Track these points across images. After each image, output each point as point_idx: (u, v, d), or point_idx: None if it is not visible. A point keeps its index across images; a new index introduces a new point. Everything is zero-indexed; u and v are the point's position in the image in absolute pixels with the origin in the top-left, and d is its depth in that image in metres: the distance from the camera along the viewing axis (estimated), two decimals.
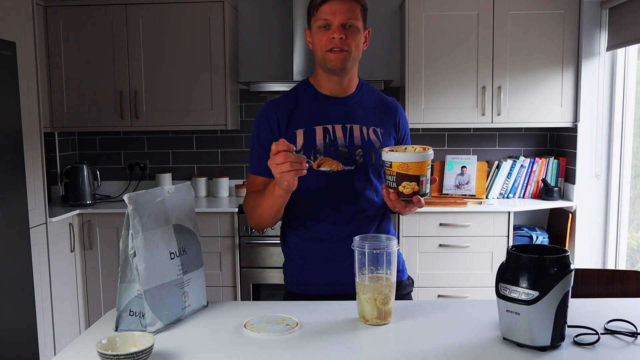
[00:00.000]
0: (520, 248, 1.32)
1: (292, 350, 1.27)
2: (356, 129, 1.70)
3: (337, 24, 1.61)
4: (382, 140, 1.72)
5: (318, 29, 1.64)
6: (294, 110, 1.70)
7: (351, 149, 1.68)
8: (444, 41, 3.54)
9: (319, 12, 1.62)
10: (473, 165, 3.80)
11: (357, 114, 1.72)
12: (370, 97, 1.79)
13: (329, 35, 1.62)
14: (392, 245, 1.43)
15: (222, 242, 3.49)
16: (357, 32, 1.64)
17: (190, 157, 4.07)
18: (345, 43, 1.62)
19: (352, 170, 1.67)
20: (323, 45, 1.63)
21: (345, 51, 1.63)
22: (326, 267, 1.71)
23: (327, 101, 1.72)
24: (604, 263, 3.56)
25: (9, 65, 2.71)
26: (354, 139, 1.69)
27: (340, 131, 1.69)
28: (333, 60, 1.63)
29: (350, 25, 1.62)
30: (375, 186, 1.73)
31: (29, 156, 2.91)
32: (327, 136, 1.67)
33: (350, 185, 1.69)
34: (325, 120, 1.69)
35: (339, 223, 1.70)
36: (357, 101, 1.75)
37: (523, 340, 1.24)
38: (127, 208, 1.36)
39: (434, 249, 3.45)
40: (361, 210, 1.71)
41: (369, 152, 1.70)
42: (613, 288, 1.77)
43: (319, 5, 1.62)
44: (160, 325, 1.38)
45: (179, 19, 3.62)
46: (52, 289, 3.17)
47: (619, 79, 3.46)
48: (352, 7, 1.62)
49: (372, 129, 1.72)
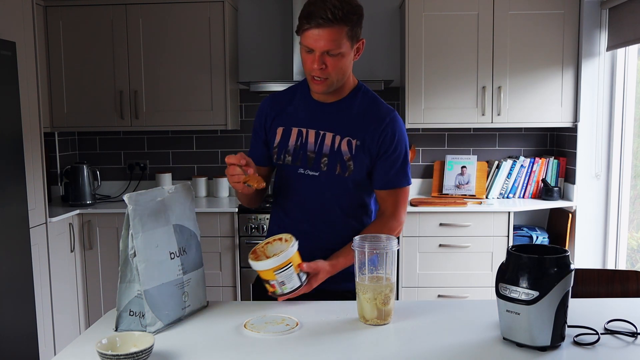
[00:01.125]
0: (520, 248, 1.32)
1: (292, 350, 1.27)
2: (328, 137, 1.69)
3: (318, 53, 1.57)
4: (354, 152, 1.67)
5: (303, 49, 1.62)
6: (285, 108, 1.76)
7: (319, 155, 1.70)
8: (444, 41, 3.54)
9: (304, 36, 1.58)
10: (473, 165, 3.80)
11: (337, 122, 1.70)
12: (363, 104, 1.72)
13: (311, 61, 1.59)
14: (392, 245, 1.43)
15: (222, 242, 3.49)
16: (340, 57, 1.59)
17: (190, 157, 4.07)
18: (326, 72, 1.60)
19: (316, 176, 1.70)
20: (308, 69, 1.63)
21: (326, 79, 1.62)
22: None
23: (314, 106, 1.73)
24: (604, 263, 3.56)
25: (9, 65, 2.71)
26: (324, 146, 1.69)
27: (312, 136, 1.70)
28: (315, 87, 1.66)
29: (334, 53, 1.57)
30: (342, 198, 1.72)
31: (29, 156, 2.91)
32: (299, 139, 1.71)
33: (313, 190, 1.72)
34: (303, 124, 1.72)
35: (303, 221, 1.75)
36: (343, 107, 1.71)
37: (523, 340, 1.25)
38: (127, 208, 1.36)
39: (434, 249, 3.45)
40: (321, 213, 1.73)
41: (334, 163, 1.68)
42: (613, 288, 1.77)
43: (304, 30, 1.57)
44: (160, 325, 1.38)
45: (179, 19, 3.62)
46: (52, 289, 3.17)
47: (619, 79, 3.46)
48: (334, 35, 1.54)
49: (346, 139, 1.68)
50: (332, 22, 1.53)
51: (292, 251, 1.49)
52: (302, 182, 1.72)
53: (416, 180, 3.99)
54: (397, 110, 3.96)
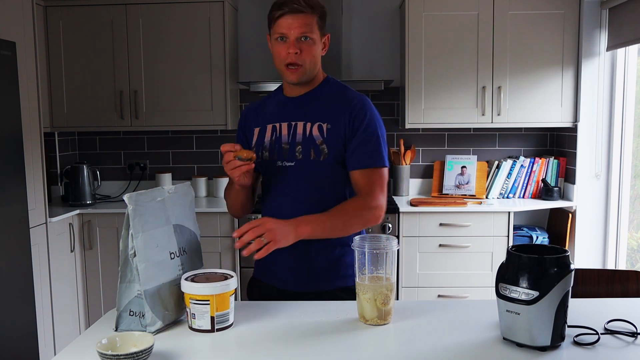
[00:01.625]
0: (520, 248, 1.32)
1: (293, 350, 1.27)
2: (300, 126, 1.75)
3: (292, 39, 1.66)
4: (325, 136, 1.71)
5: (275, 40, 1.69)
6: (260, 111, 1.84)
7: (292, 145, 1.73)
8: (444, 41, 3.54)
9: (276, 24, 1.67)
10: (473, 165, 3.80)
11: (306, 110, 1.76)
12: (331, 93, 1.77)
13: (285, 49, 1.67)
14: (392, 245, 1.43)
15: (222, 242, 3.49)
16: (312, 44, 1.68)
17: (190, 157, 4.07)
18: (301, 58, 1.67)
19: (292, 166, 1.73)
20: (281, 58, 1.69)
21: (300, 66, 1.68)
22: (272, 260, 1.64)
23: (285, 101, 1.80)
24: (604, 263, 3.56)
25: (9, 65, 2.71)
26: (297, 135, 1.74)
27: (285, 129, 1.76)
28: (289, 76, 1.71)
29: (306, 37, 1.67)
30: (320, 184, 1.72)
31: (29, 156, 2.91)
32: (274, 134, 1.77)
33: (292, 180, 1.74)
34: (276, 119, 1.78)
35: (285, 215, 1.65)
36: (313, 97, 1.77)
37: (523, 340, 1.24)
38: (127, 208, 1.36)
39: (434, 249, 3.45)
40: (300, 204, 1.70)
41: (308, 149, 1.72)
42: (613, 288, 1.77)
43: (277, 18, 1.66)
44: (160, 325, 1.38)
45: (179, 19, 3.62)
46: (52, 289, 3.17)
47: (619, 79, 3.46)
48: (307, 20, 1.65)
49: (317, 125, 1.72)
50: (305, 9, 1.65)
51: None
52: (281, 175, 1.75)
53: (416, 180, 3.99)
54: (397, 110, 3.97)
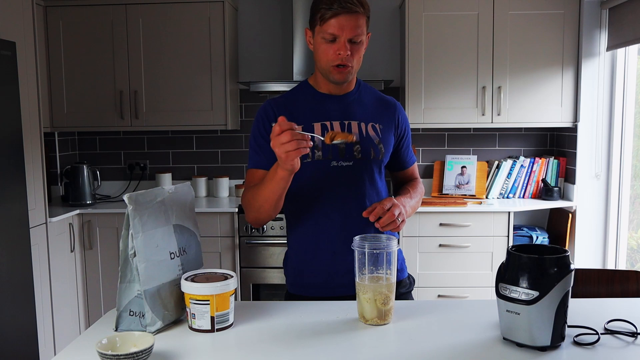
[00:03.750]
0: (520, 248, 1.32)
1: (292, 350, 1.27)
2: (354, 125, 1.71)
3: (344, 40, 1.59)
4: (381, 135, 1.73)
5: (323, 39, 1.61)
6: (292, 109, 1.71)
7: (349, 145, 1.68)
8: (444, 41, 3.54)
9: (327, 24, 1.58)
10: (473, 165, 3.80)
11: (356, 110, 1.73)
12: (369, 95, 1.80)
13: (335, 50, 1.60)
14: (392, 245, 1.43)
15: (222, 242, 3.49)
16: (362, 45, 1.64)
17: (190, 157, 4.07)
18: (350, 59, 1.62)
19: (350, 165, 1.68)
20: (329, 59, 1.62)
21: (350, 67, 1.63)
22: (325, 269, 1.70)
23: (326, 99, 1.73)
24: (604, 263, 3.56)
25: (9, 65, 2.71)
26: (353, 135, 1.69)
27: (338, 127, 1.69)
28: (337, 75, 1.65)
29: (357, 40, 1.61)
30: (375, 182, 1.74)
31: (29, 156, 2.91)
32: (325, 132, 1.67)
33: (348, 180, 1.69)
34: (324, 117, 1.70)
35: (336, 219, 1.68)
36: (355, 99, 1.75)
37: (523, 340, 1.24)
38: (127, 208, 1.36)
39: (434, 249, 3.45)
40: (361, 207, 1.68)
41: (367, 148, 1.70)
42: (613, 288, 1.76)
43: (328, 17, 1.57)
44: (160, 325, 1.38)
45: (179, 19, 3.62)
46: (52, 289, 3.17)
47: (619, 79, 3.46)
48: (359, 22, 1.59)
49: (370, 125, 1.73)
50: (359, 8, 1.58)
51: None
52: (336, 175, 1.68)
53: None
54: None
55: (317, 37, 1.63)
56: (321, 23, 1.59)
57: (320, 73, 1.70)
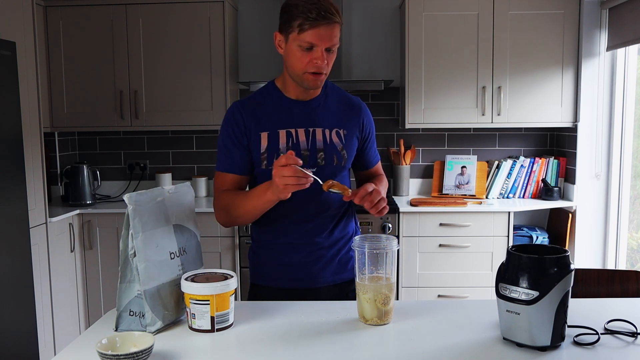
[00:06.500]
0: (520, 248, 1.32)
1: (292, 350, 1.27)
2: (319, 132, 1.74)
3: (322, 49, 1.61)
4: (344, 142, 1.77)
5: (299, 47, 1.61)
6: (258, 113, 1.73)
7: (313, 152, 1.72)
8: (444, 41, 3.54)
9: (305, 34, 1.58)
10: (473, 165, 3.80)
11: (321, 117, 1.75)
12: (335, 98, 1.81)
13: (311, 58, 1.61)
14: (392, 245, 1.43)
15: (222, 242, 3.49)
16: (335, 52, 1.66)
17: (190, 157, 4.07)
18: (326, 67, 1.64)
19: (314, 172, 1.68)
20: (304, 66, 1.63)
21: (324, 74, 1.66)
22: (286, 261, 1.78)
23: (292, 105, 1.74)
24: (604, 263, 3.56)
25: (9, 65, 2.71)
26: (317, 142, 1.73)
27: (303, 135, 1.72)
28: (312, 82, 1.67)
29: (333, 49, 1.64)
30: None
31: (29, 156, 2.91)
32: (290, 140, 1.71)
33: (312, 187, 1.68)
34: (289, 124, 1.72)
35: (300, 221, 1.76)
36: (321, 103, 1.77)
37: (523, 340, 1.25)
38: (127, 208, 1.36)
39: (434, 249, 3.45)
40: (322, 210, 1.76)
41: (331, 155, 1.74)
42: (613, 288, 1.77)
43: (308, 28, 1.57)
44: (160, 325, 1.38)
45: (179, 19, 3.62)
46: (52, 289, 3.17)
47: (619, 79, 3.46)
48: (335, 31, 1.61)
49: (335, 131, 1.76)
50: (336, 18, 1.60)
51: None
52: None
53: (416, 180, 3.99)
54: (397, 110, 3.97)
55: (292, 44, 1.63)
56: (299, 32, 1.59)
57: (291, 78, 1.71)
